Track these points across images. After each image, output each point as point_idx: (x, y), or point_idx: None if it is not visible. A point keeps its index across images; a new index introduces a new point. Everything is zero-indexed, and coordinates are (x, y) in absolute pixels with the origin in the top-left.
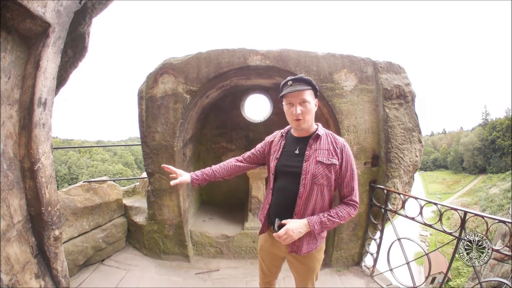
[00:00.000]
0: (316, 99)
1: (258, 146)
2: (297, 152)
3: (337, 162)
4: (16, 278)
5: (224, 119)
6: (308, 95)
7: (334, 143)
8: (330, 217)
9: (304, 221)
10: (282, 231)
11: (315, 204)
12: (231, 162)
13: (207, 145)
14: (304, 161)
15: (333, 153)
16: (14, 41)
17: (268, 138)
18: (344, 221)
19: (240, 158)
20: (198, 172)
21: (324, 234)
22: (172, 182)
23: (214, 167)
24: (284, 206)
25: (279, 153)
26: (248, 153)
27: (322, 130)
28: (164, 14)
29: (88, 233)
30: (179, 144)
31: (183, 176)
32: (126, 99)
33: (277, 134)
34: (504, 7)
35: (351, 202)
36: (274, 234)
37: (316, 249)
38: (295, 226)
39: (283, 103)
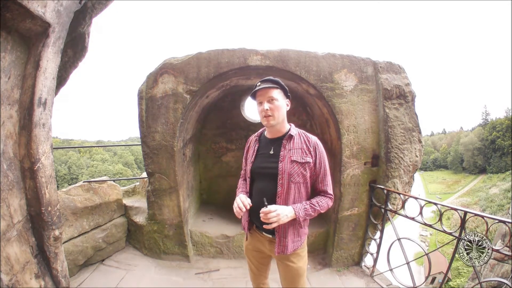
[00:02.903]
0: (288, 100)
1: (244, 160)
2: (271, 152)
3: (311, 160)
4: (16, 278)
5: (224, 119)
6: (276, 93)
7: (307, 142)
8: (312, 205)
9: (289, 208)
10: (273, 207)
11: (294, 201)
12: (243, 182)
13: (207, 145)
14: (279, 162)
15: (307, 151)
16: (14, 41)
17: (246, 146)
18: (324, 210)
19: (243, 177)
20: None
21: (306, 230)
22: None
23: (241, 189)
24: (258, 210)
25: (253, 156)
26: (242, 172)
27: (294, 130)
28: (164, 14)
29: (88, 233)
30: (179, 144)
31: (244, 196)
32: (126, 99)
33: (252, 138)
34: (504, 7)
35: (328, 195)
36: (263, 209)
37: (300, 246)
38: (284, 208)
39: (256, 105)
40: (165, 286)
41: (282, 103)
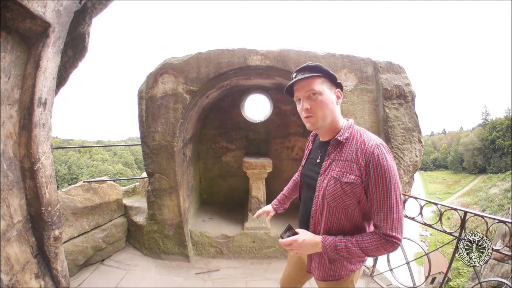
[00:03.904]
0: (338, 89)
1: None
2: (318, 160)
3: (357, 181)
4: (16, 278)
5: (224, 119)
6: (319, 84)
7: (360, 151)
8: (349, 244)
9: (318, 239)
10: (288, 240)
11: (329, 229)
12: (294, 178)
13: (207, 145)
14: (320, 174)
15: (355, 166)
16: (14, 41)
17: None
18: (371, 255)
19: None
20: (276, 202)
21: (355, 266)
22: (256, 214)
23: (284, 190)
24: (303, 221)
25: (305, 160)
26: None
27: (347, 132)
28: (164, 14)
29: (88, 233)
30: (179, 144)
31: (269, 209)
32: (126, 99)
33: (309, 137)
34: (504, 7)
35: (384, 236)
36: (280, 240)
37: (337, 281)
38: (306, 240)
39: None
40: (165, 286)
41: (328, 97)
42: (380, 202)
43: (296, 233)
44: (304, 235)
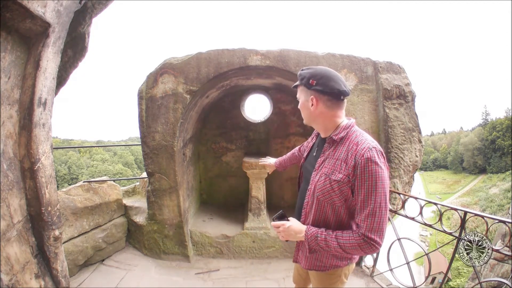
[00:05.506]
0: (312, 96)
1: (309, 138)
2: (314, 154)
3: (344, 180)
4: (16, 278)
5: (224, 119)
6: (299, 91)
7: (351, 152)
8: (328, 237)
9: (303, 228)
10: (278, 223)
11: (317, 221)
12: (294, 151)
13: (207, 145)
14: (314, 169)
15: (343, 166)
16: (14, 41)
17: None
18: (350, 253)
19: (299, 148)
20: (277, 161)
21: (341, 262)
22: (261, 161)
23: (285, 156)
24: (297, 211)
25: (307, 152)
26: (304, 144)
27: (344, 133)
28: (164, 14)
29: (88, 233)
30: (179, 144)
31: (272, 164)
32: (126, 99)
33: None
34: (504, 7)
35: (364, 238)
36: (272, 223)
37: (323, 272)
38: (292, 226)
39: None
40: (165, 286)
41: (303, 103)
42: (363, 204)
43: (287, 220)
44: (292, 222)
